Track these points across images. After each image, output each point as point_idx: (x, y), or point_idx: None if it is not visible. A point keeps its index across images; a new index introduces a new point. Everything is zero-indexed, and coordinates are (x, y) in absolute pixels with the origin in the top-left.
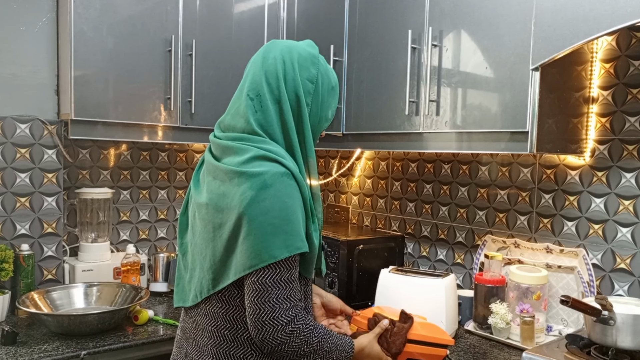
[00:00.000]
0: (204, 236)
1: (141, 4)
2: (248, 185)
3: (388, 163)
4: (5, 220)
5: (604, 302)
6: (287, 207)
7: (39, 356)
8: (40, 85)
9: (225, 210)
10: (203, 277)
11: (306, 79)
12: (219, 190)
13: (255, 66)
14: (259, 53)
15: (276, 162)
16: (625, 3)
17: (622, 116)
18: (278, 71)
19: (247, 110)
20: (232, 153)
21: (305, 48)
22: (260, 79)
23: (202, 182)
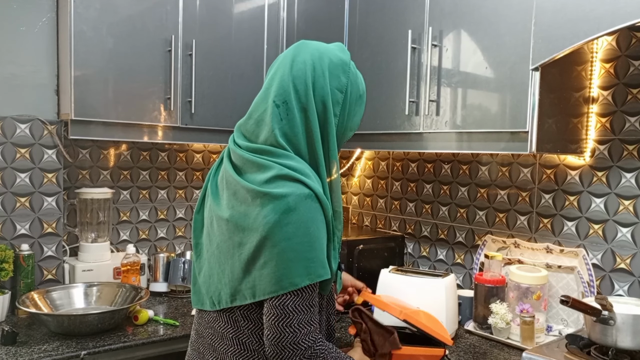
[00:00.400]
0: (223, 249)
1: (141, 4)
2: (271, 208)
3: (388, 163)
4: (5, 220)
5: (604, 302)
6: (311, 233)
7: (39, 356)
8: (40, 85)
9: (247, 231)
10: (222, 289)
11: (336, 88)
12: (240, 208)
13: (284, 69)
14: (287, 54)
15: (300, 182)
16: (625, 3)
17: (622, 116)
18: (307, 77)
19: (273, 118)
20: (254, 168)
21: (337, 53)
22: (288, 85)
23: (221, 193)
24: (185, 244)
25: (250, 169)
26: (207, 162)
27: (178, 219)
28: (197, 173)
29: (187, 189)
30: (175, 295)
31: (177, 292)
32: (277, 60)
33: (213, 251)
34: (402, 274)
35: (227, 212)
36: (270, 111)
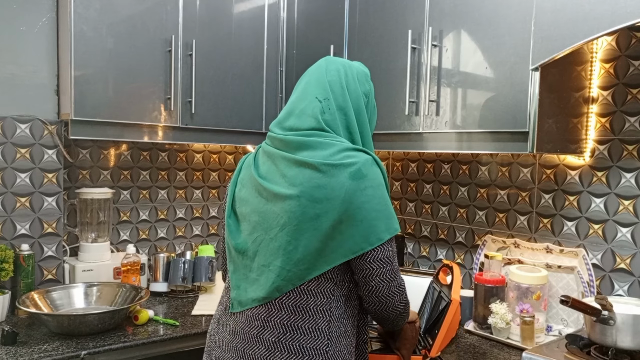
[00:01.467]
0: (289, 230)
1: (141, 4)
2: (347, 176)
3: (388, 163)
4: (5, 220)
5: (604, 302)
6: (384, 194)
7: (39, 356)
8: (40, 85)
9: (325, 202)
10: (289, 271)
11: (363, 92)
12: (311, 182)
13: (319, 75)
14: (319, 66)
15: (362, 151)
16: (625, 3)
17: (622, 116)
18: (342, 81)
19: (317, 110)
20: (311, 148)
21: (361, 66)
22: (325, 86)
23: (272, 175)
24: (185, 244)
25: (307, 148)
26: (207, 162)
27: (178, 219)
28: (197, 173)
29: (187, 189)
30: (176, 295)
31: (177, 292)
32: (307, 72)
33: (270, 239)
34: (403, 275)
35: (296, 189)
36: (312, 105)
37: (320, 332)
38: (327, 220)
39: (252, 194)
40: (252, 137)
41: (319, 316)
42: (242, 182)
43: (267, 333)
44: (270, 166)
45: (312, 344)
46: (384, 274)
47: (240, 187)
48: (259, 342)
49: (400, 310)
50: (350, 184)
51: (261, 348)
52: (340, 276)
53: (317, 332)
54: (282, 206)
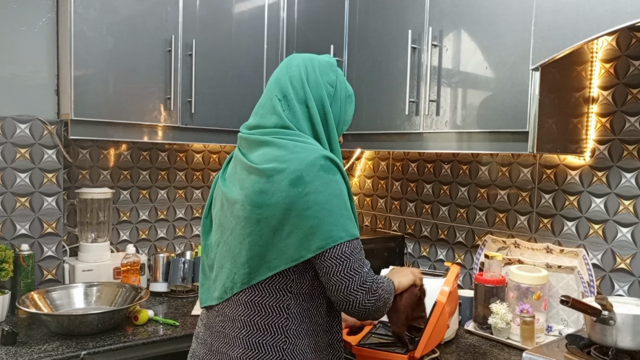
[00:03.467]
0: (236, 234)
1: (141, 4)
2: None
3: (388, 163)
4: (5, 220)
5: (604, 302)
6: (330, 199)
7: (39, 356)
8: (40, 85)
9: (265, 207)
10: (235, 273)
11: (327, 82)
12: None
13: (280, 73)
14: (281, 64)
15: (312, 152)
16: (625, 3)
17: (622, 116)
18: (302, 75)
19: (278, 108)
20: (269, 145)
21: (324, 58)
22: (285, 83)
23: (231, 179)
24: (185, 244)
25: (266, 146)
26: (207, 162)
27: (178, 219)
28: (197, 173)
29: (187, 189)
30: (175, 295)
31: (177, 292)
32: (272, 74)
33: (226, 240)
34: None
35: (242, 193)
36: (273, 103)
37: (276, 329)
38: (267, 226)
39: (218, 197)
40: None
41: (275, 313)
42: (219, 182)
43: (228, 328)
44: (232, 169)
45: (268, 341)
46: (341, 272)
47: (216, 189)
48: (223, 336)
49: (369, 307)
50: (289, 191)
51: (223, 342)
52: (298, 274)
53: (273, 329)
54: (232, 210)
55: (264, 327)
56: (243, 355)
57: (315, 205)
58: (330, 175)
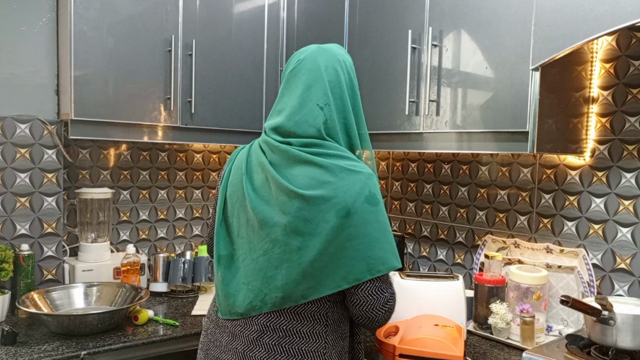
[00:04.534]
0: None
1: (141, 4)
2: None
3: (388, 163)
4: (5, 220)
5: (604, 302)
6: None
7: (39, 356)
8: (40, 85)
9: (308, 236)
10: (266, 295)
11: (356, 87)
12: (299, 213)
13: (317, 74)
14: (314, 60)
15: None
16: (625, 3)
17: (622, 116)
18: (340, 82)
19: (319, 120)
20: (308, 164)
21: (348, 57)
22: (326, 89)
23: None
24: (185, 244)
25: (305, 164)
26: (207, 162)
27: (178, 219)
28: (197, 173)
29: (187, 189)
30: (175, 295)
31: (177, 292)
32: (302, 67)
33: (252, 259)
34: (416, 279)
35: (284, 218)
36: (315, 114)
37: (318, 335)
38: (308, 255)
39: (242, 207)
40: (252, 137)
41: (317, 321)
42: (232, 185)
43: (267, 337)
44: (264, 182)
45: (311, 347)
46: (370, 291)
47: (231, 193)
48: (259, 345)
49: (384, 322)
50: (334, 222)
51: (261, 350)
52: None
53: (316, 336)
54: (268, 231)
55: (307, 335)
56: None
57: (357, 237)
58: (373, 207)
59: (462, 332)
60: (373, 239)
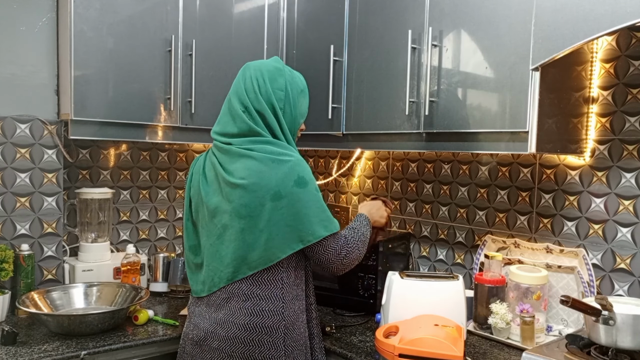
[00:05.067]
0: (222, 239)
1: (141, 4)
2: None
3: (388, 163)
4: (5, 220)
5: (604, 302)
6: (298, 208)
7: (39, 356)
8: (40, 85)
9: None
10: (221, 271)
11: (277, 88)
12: (240, 200)
13: (238, 86)
14: (238, 76)
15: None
16: (625, 3)
17: (622, 116)
18: (254, 87)
19: (243, 117)
20: (246, 158)
21: (272, 64)
22: (243, 95)
23: (214, 187)
24: None
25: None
26: None
27: (178, 219)
28: None
29: None
30: (175, 295)
31: (177, 292)
32: (232, 85)
33: (210, 244)
34: (416, 279)
35: (229, 205)
36: (238, 114)
37: (275, 297)
38: (251, 234)
39: (201, 202)
40: None
41: (273, 285)
42: (194, 187)
43: (233, 302)
44: (214, 178)
45: (269, 307)
46: (318, 250)
47: (194, 192)
48: (226, 308)
49: (347, 266)
50: (269, 205)
51: (227, 313)
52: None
53: (273, 298)
54: (219, 218)
55: (266, 297)
56: (249, 322)
57: (289, 215)
58: (301, 189)
59: (462, 332)
60: (302, 215)
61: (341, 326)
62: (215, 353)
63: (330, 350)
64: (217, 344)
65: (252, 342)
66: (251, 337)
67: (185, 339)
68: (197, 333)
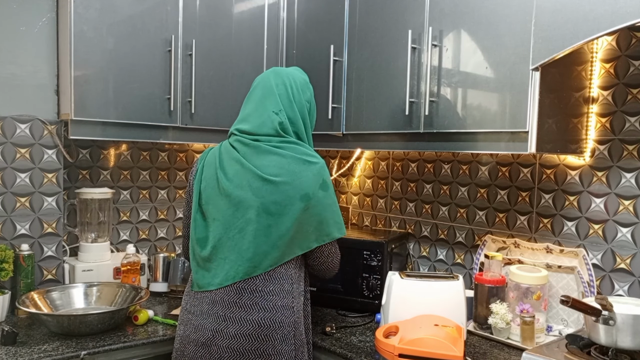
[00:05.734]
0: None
1: (141, 4)
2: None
3: (388, 163)
4: (5, 220)
5: (604, 302)
6: (320, 211)
7: (39, 356)
8: (40, 85)
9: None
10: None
11: (306, 100)
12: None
13: (269, 89)
14: (267, 79)
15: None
16: (625, 3)
17: (622, 116)
18: (289, 95)
19: (275, 122)
20: (275, 155)
21: (301, 75)
22: (276, 100)
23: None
24: None
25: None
26: None
27: (178, 219)
28: None
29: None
30: (175, 295)
31: (177, 292)
32: (257, 85)
33: (228, 238)
34: (416, 279)
35: (257, 201)
36: (271, 118)
37: (286, 292)
38: (277, 231)
39: (217, 195)
40: None
41: (284, 280)
42: (206, 180)
43: (245, 298)
44: (238, 172)
45: (281, 302)
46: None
47: (205, 185)
48: (238, 306)
49: (332, 274)
50: (298, 205)
51: (241, 310)
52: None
53: (284, 293)
54: (243, 212)
55: (278, 292)
56: (262, 317)
57: (312, 216)
58: (325, 192)
59: (462, 332)
60: (323, 217)
61: (341, 326)
62: (226, 352)
63: (330, 350)
64: (228, 342)
65: (265, 338)
66: (264, 333)
67: (185, 342)
68: (202, 334)
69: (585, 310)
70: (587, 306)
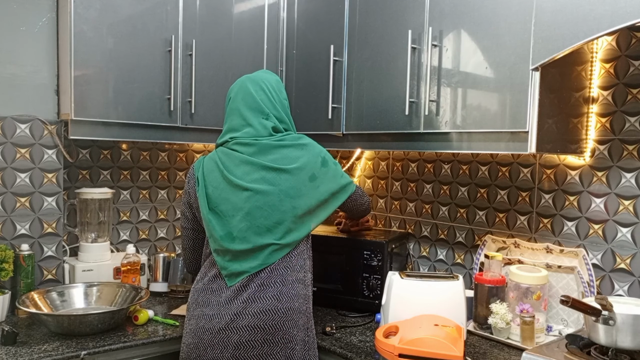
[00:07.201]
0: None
1: (141, 4)
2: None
3: (388, 163)
4: (5, 220)
5: (604, 302)
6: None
7: (39, 356)
8: (40, 85)
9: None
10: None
11: (283, 98)
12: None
13: (250, 99)
14: (242, 90)
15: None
16: (625, 3)
17: (622, 116)
18: (270, 97)
19: (266, 126)
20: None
21: (273, 77)
22: (261, 106)
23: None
24: None
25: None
26: None
27: (178, 219)
28: None
29: None
30: (175, 295)
31: (177, 292)
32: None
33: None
34: (416, 279)
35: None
36: (260, 123)
37: (302, 281)
38: (299, 210)
39: (231, 194)
40: None
41: (300, 268)
42: (212, 185)
43: (270, 290)
44: (249, 170)
45: (300, 291)
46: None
47: (213, 189)
48: (260, 299)
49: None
50: (309, 185)
51: (265, 302)
52: (306, 239)
53: (301, 281)
54: (265, 200)
55: (297, 281)
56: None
57: (326, 191)
58: (325, 168)
59: (462, 332)
60: (328, 188)
61: (341, 326)
62: (246, 330)
63: (330, 350)
64: (248, 320)
65: (285, 311)
66: (284, 307)
67: (199, 333)
68: (219, 320)
69: (585, 310)
70: (587, 306)
